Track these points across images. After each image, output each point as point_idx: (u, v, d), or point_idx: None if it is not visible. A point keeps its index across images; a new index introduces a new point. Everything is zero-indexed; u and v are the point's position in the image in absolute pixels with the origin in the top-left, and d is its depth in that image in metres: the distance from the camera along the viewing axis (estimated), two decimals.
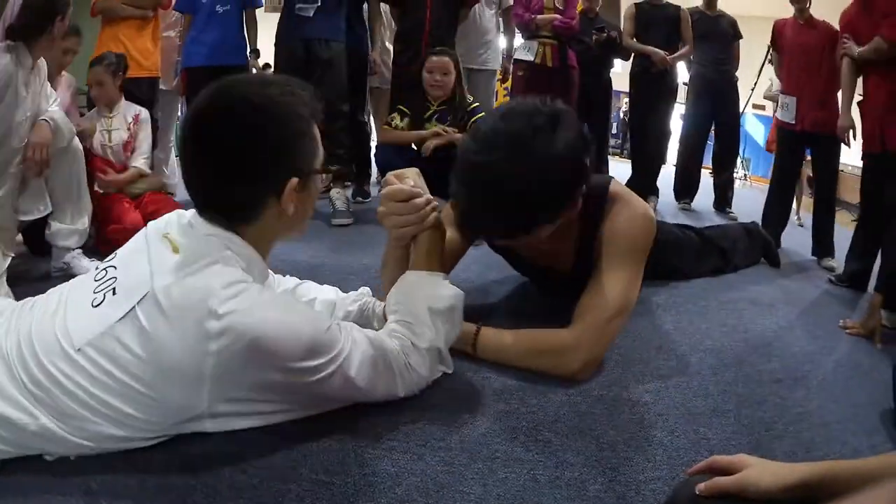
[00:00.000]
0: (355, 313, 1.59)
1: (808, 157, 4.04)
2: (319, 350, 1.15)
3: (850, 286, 2.99)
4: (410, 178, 1.46)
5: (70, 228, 2.42)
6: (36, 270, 2.47)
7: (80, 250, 2.46)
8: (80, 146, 2.46)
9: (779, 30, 3.94)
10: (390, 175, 1.47)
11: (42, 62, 2.36)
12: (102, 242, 2.68)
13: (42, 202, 2.36)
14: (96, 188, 2.84)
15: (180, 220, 1.23)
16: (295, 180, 1.18)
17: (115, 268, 1.21)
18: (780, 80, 4.18)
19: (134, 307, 1.09)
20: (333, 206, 3.54)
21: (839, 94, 3.31)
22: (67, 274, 2.29)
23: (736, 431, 1.39)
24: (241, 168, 1.15)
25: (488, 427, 1.31)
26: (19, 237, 2.53)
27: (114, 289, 1.15)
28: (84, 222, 2.48)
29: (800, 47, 3.75)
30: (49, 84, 2.43)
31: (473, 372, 1.52)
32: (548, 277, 2.00)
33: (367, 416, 1.30)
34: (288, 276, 1.66)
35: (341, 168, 3.66)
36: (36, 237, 2.55)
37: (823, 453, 1.35)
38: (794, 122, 3.71)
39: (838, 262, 3.37)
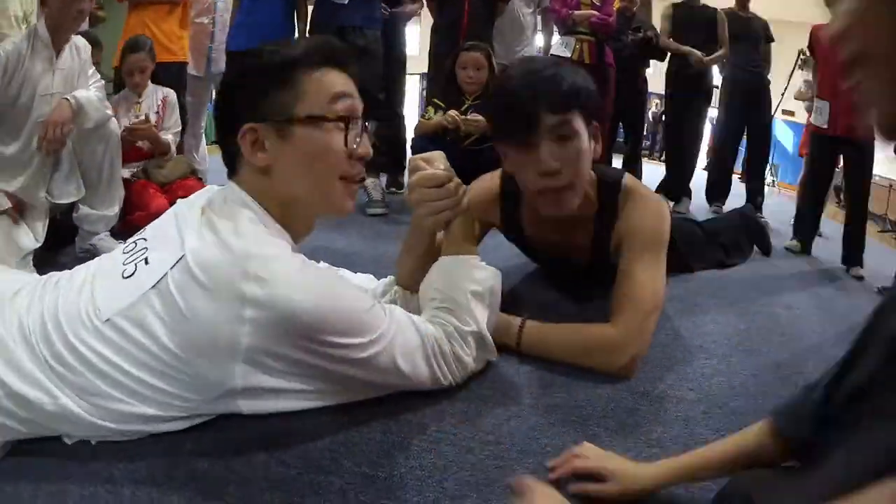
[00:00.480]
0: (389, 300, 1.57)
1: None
2: (361, 329, 1.11)
3: None
4: (439, 162, 1.41)
5: (98, 214, 2.43)
6: (61, 252, 2.47)
7: (107, 232, 2.47)
8: (117, 130, 2.46)
9: (816, 35, 3.93)
10: (417, 159, 1.42)
11: (80, 42, 2.37)
12: (128, 228, 2.63)
13: (75, 185, 2.37)
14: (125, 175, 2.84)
15: (209, 191, 1.23)
16: (249, 125, 1.14)
17: (145, 240, 1.19)
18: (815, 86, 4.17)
19: (167, 273, 1.05)
20: (369, 196, 3.55)
21: None
22: (93, 255, 2.25)
23: None
24: (220, 115, 1.21)
25: (537, 421, 1.31)
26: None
27: (146, 259, 1.12)
28: (114, 209, 2.49)
29: (835, 52, 3.69)
30: (89, 70, 2.44)
31: (519, 365, 1.52)
32: (564, 268, 2.02)
33: (413, 407, 1.26)
34: (323, 263, 1.62)
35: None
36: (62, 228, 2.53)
37: None
38: (826, 127, 3.71)
39: (868, 271, 3.38)
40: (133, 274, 1.10)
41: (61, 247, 2.49)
